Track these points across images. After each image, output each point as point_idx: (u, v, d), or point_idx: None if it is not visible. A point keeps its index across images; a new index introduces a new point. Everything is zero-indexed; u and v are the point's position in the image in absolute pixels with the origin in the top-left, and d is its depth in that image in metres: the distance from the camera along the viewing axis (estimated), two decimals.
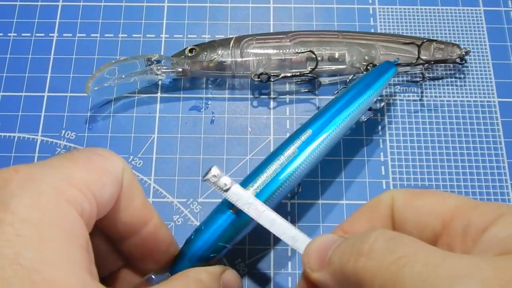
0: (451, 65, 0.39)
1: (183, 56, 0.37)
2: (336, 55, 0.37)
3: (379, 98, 0.36)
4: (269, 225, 0.26)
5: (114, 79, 0.35)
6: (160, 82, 0.38)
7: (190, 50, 0.37)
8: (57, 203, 0.19)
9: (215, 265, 0.27)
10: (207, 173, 0.27)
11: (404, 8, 0.41)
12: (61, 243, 0.18)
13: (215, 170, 0.27)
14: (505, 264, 0.17)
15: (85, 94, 0.36)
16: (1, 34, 0.40)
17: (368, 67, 0.36)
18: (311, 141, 0.29)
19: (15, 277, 0.16)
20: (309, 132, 0.30)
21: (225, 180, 0.27)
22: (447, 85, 0.38)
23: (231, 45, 0.37)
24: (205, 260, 0.28)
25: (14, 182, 0.18)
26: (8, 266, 0.16)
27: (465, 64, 0.39)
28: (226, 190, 0.27)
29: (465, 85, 0.38)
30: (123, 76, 0.36)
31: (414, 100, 0.38)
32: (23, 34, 0.40)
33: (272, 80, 0.36)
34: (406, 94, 0.38)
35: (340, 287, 0.22)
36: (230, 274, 0.27)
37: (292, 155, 0.29)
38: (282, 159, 0.29)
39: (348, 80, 0.36)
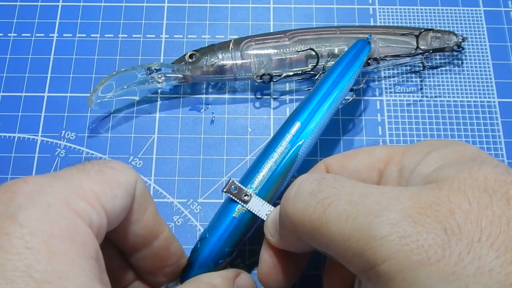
0: (449, 55, 0.39)
1: (183, 63, 0.37)
2: (336, 51, 0.37)
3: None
4: None
5: (115, 91, 0.35)
6: (160, 90, 0.38)
7: (190, 56, 0.37)
8: (66, 215, 0.19)
9: (228, 269, 0.27)
10: (226, 186, 0.28)
11: (404, 8, 0.41)
12: (70, 254, 0.18)
13: (234, 182, 0.28)
14: (422, 192, 0.18)
15: (85, 94, 0.36)
16: (1, 34, 0.40)
17: (369, 61, 0.36)
18: (300, 134, 0.30)
19: None
20: (297, 125, 0.30)
21: (245, 192, 0.28)
22: (447, 85, 0.38)
23: (230, 48, 0.37)
24: (214, 267, 0.28)
25: (23, 194, 0.19)
26: (19, 278, 0.16)
27: (463, 52, 0.39)
28: (246, 202, 0.27)
29: (465, 85, 0.38)
30: (125, 87, 0.35)
31: (414, 100, 0.38)
32: (23, 35, 0.40)
33: (275, 80, 0.36)
34: (406, 94, 0.38)
35: (289, 242, 0.24)
36: (244, 278, 0.27)
37: (284, 151, 0.29)
38: (275, 156, 0.29)
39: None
